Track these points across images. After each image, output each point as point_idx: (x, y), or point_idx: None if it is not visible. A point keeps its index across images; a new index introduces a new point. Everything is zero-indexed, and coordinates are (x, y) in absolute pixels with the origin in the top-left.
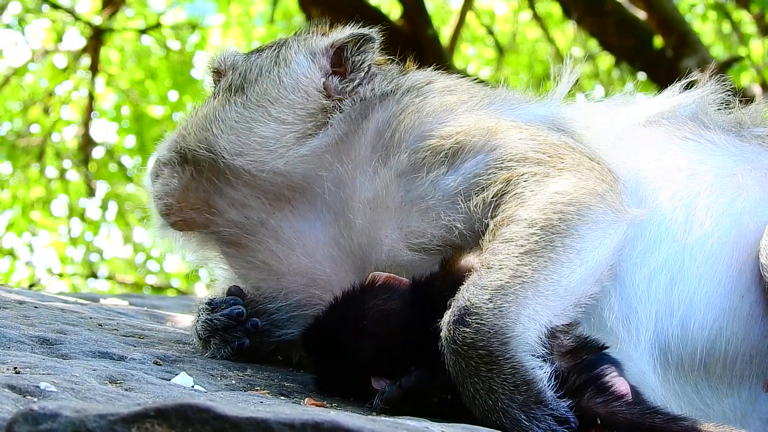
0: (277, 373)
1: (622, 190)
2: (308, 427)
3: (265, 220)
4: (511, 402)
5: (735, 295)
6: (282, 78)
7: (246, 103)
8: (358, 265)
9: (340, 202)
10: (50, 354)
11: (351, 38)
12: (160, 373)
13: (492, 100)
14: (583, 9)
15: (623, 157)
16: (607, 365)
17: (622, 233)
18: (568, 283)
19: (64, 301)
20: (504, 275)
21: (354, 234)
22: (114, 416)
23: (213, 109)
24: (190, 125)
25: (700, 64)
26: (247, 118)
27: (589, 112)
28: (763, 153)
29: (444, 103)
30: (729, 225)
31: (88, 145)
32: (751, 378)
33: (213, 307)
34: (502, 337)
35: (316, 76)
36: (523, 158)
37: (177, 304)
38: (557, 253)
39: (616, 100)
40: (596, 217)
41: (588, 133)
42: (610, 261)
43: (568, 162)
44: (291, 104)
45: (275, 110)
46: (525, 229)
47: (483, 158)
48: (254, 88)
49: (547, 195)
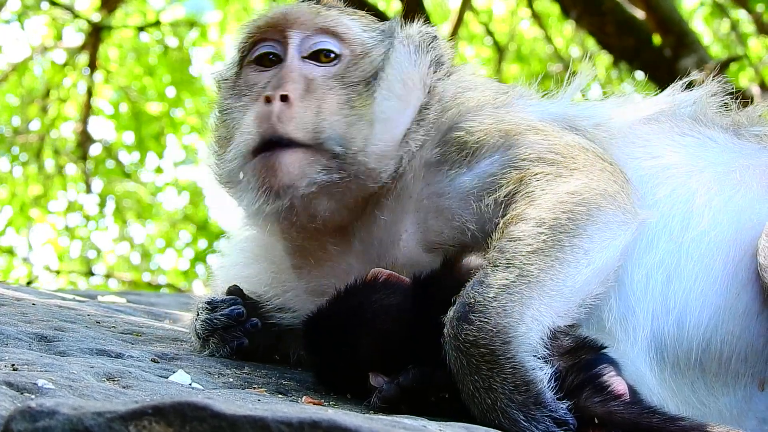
0: (274, 371)
1: (633, 191)
2: (306, 425)
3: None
4: (510, 402)
5: (731, 293)
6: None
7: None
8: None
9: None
10: (48, 351)
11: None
12: (158, 370)
13: (511, 99)
14: (582, 8)
15: (623, 155)
16: (605, 365)
17: (632, 235)
18: (574, 284)
19: (61, 298)
20: (510, 274)
21: (375, 228)
22: (111, 414)
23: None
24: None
25: (699, 63)
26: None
27: (599, 110)
28: (761, 150)
29: (479, 101)
30: (726, 222)
31: (86, 141)
32: (747, 376)
33: (213, 307)
34: (504, 337)
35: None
36: (538, 158)
37: (175, 302)
38: (565, 253)
39: (623, 98)
40: (606, 217)
41: (598, 132)
42: (618, 262)
43: (580, 162)
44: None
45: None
46: (533, 228)
47: (498, 158)
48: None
49: (558, 195)
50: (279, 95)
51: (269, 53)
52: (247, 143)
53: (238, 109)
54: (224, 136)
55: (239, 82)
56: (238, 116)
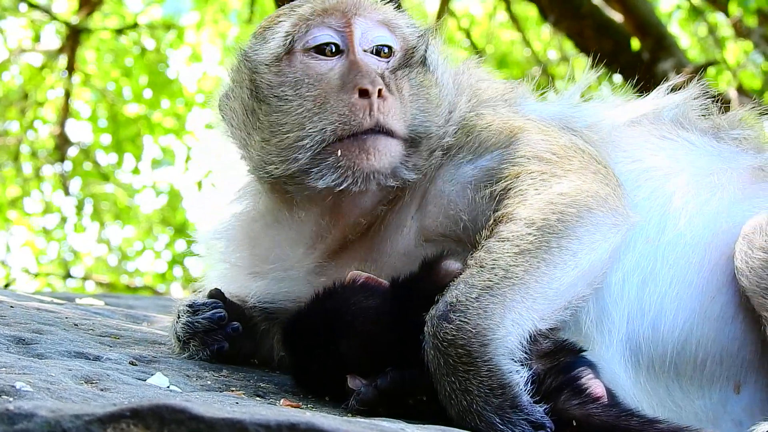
0: (253, 374)
1: (624, 194)
2: (284, 428)
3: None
4: (486, 404)
5: (706, 296)
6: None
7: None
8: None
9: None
10: (26, 354)
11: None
12: (136, 373)
13: (517, 97)
14: (560, 11)
15: (608, 157)
16: (584, 368)
17: (621, 237)
18: (559, 286)
19: (39, 300)
20: (495, 275)
21: (389, 214)
22: (90, 416)
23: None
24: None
25: (677, 67)
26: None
27: (592, 111)
28: (739, 154)
29: (490, 95)
30: (702, 225)
31: (64, 144)
32: (722, 380)
33: (194, 310)
34: (482, 339)
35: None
36: (535, 157)
37: (153, 305)
38: (551, 254)
39: (613, 101)
40: (596, 219)
41: (590, 134)
42: (606, 264)
43: (575, 164)
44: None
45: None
46: (522, 229)
47: (499, 153)
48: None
49: (550, 195)
50: (377, 89)
51: (330, 43)
52: (336, 131)
53: (308, 98)
54: (283, 122)
55: (292, 68)
56: (308, 105)
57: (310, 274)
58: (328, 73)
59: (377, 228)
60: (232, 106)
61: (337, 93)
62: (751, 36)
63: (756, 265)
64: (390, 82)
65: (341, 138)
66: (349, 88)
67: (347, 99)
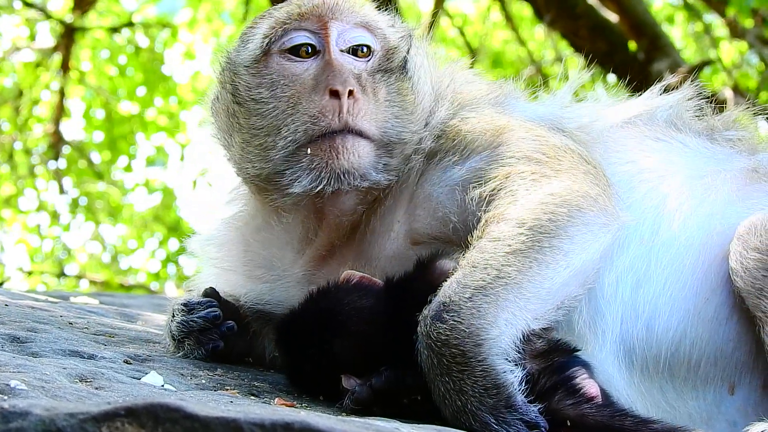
0: (247, 373)
1: (614, 194)
2: (278, 427)
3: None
4: (480, 405)
5: (700, 297)
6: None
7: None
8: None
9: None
10: (20, 352)
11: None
12: (131, 371)
13: (504, 97)
14: (556, 11)
15: (600, 158)
16: (578, 367)
17: (612, 237)
18: (551, 286)
19: (34, 299)
20: (488, 275)
21: (374, 218)
22: (84, 415)
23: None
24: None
25: (672, 67)
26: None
27: (583, 112)
28: (733, 155)
29: (474, 96)
30: (696, 227)
31: (58, 142)
32: (716, 381)
33: (189, 309)
34: (476, 339)
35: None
36: (525, 157)
37: (147, 303)
38: (543, 254)
39: (604, 101)
40: (587, 219)
41: (581, 134)
42: (598, 264)
43: (565, 164)
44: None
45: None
46: (513, 229)
47: (488, 154)
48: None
49: (540, 195)
50: (347, 90)
51: (306, 44)
52: (307, 132)
53: (283, 99)
54: (259, 125)
55: (268, 70)
56: (282, 106)
57: (300, 281)
58: (303, 74)
59: (362, 233)
60: (218, 108)
61: (309, 94)
62: (746, 36)
63: (751, 265)
64: (366, 83)
65: (313, 139)
66: (321, 88)
67: (318, 100)
